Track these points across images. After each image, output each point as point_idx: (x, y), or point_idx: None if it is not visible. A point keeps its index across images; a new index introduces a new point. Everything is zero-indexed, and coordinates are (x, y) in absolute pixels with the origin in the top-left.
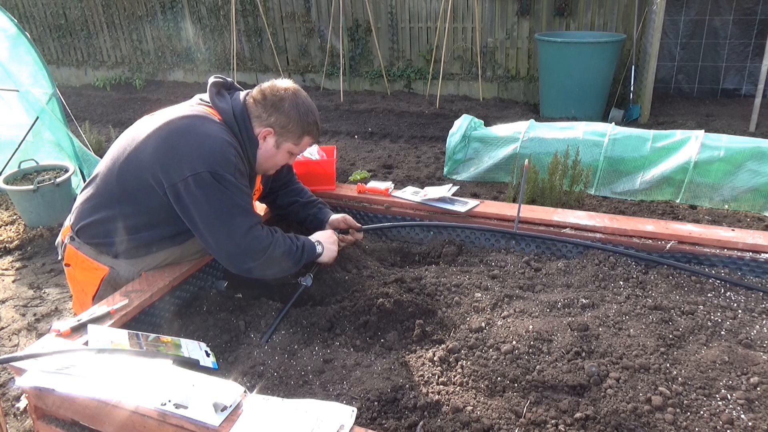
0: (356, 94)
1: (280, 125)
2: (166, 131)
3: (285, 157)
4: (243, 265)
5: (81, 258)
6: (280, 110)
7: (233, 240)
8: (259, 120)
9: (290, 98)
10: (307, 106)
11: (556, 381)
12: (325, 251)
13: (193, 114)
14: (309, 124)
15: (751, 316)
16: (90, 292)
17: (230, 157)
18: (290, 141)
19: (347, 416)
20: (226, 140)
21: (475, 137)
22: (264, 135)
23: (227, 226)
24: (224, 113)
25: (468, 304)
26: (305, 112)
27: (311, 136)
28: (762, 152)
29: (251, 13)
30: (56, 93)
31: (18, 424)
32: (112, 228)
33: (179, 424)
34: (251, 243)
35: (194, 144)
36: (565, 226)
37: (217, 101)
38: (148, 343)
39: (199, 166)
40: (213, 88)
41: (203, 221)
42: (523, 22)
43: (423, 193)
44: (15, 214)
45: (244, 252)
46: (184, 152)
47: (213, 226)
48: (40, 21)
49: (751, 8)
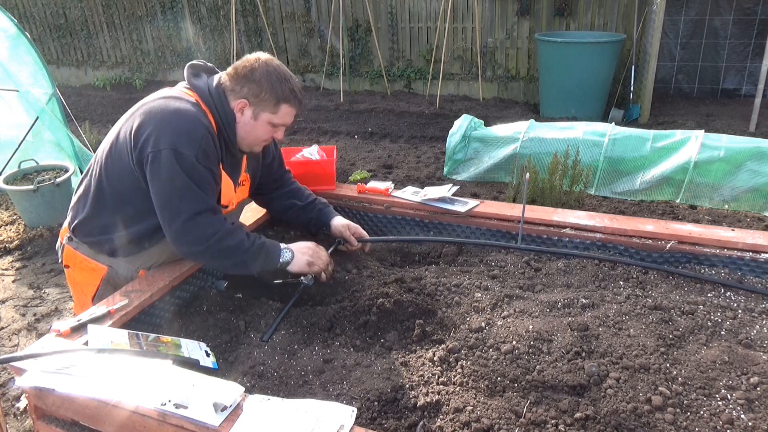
0: (356, 94)
1: (254, 95)
2: (140, 112)
3: (267, 129)
4: (184, 247)
5: (79, 258)
6: (252, 80)
7: (178, 221)
8: (234, 93)
9: (261, 67)
10: (281, 73)
11: (556, 381)
12: (296, 260)
13: (167, 95)
14: (284, 91)
15: (751, 316)
16: (90, 293)
17: (196, 136)
18: (267, 110)
19: (347, 416)
20: (196, 119)
21: (475, 137)
22: (240, 107)
23: (176, 206)
24: (199, 90)
25: (468, 304)
26: (278, 79)
27: (289, 104)
28: (762, 152)
29: (251, 13)
30: (56, 93)
31: (18, 424)
32: (104, 224)
33: (179, 424)
34: (194, 228)
35: (162, 121)
36: (565, 226)
37: (194, 80)
38: (148, 343)
39: (162, 143)
40: (190, 69)
41: (156, 197)
42: (523, 22)
43: (423, 193)
44: (15, 214)
45: (186, 235)
46: (152, 129)
47: (163, 203)
48: (40, 21)
49: (751, 8)
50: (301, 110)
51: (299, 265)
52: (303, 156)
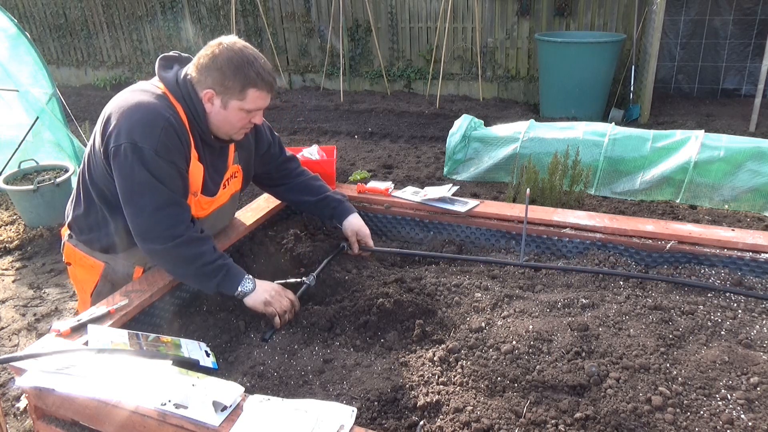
0: (356, 94)
1: (218, 83)
2: (108, 107)
3: (240, 117)
4: (148, 244)
5: (79, 255)
6: (214, 68)
7: (141, 216)
8: (200, 84)
9: (223, 53)
10: (243, 57)
11: (556, 381)
12: (254, 295)
13: (135, 88)
14: (248, 76)
15: (751, 316)
16: (89, 290)
17: (155, 129)
18: (234, 98)
19: (347, 416)
20: (157, 111)
21: (475, 137)
22: (207, 98)
23: (137, 202)
24: (167, 82)
25: (468, 304)
26: (241, 64)
27: (257, 88)
28: (762, 152)
29: (251, 13)
30: (56, 93)
31: (18, 424)
32: (94, 221)
33: (179, 424)
34: (157, 224)
35: (123, 115)
36: (565, 226)
37: (162, 72)
38: (148, 343)
39: (122, 137)
40: (161, 62)
41: (120, 194)
42: (523, 22)
43: (423, 193)
44: (15, 214)
45: (149, 231)
46: (115, 124)
47: (126, 199)
48: (40, 21)
49: (751, 8)
50: (273, 92)
51: (255, 301)
52: (303, 156)
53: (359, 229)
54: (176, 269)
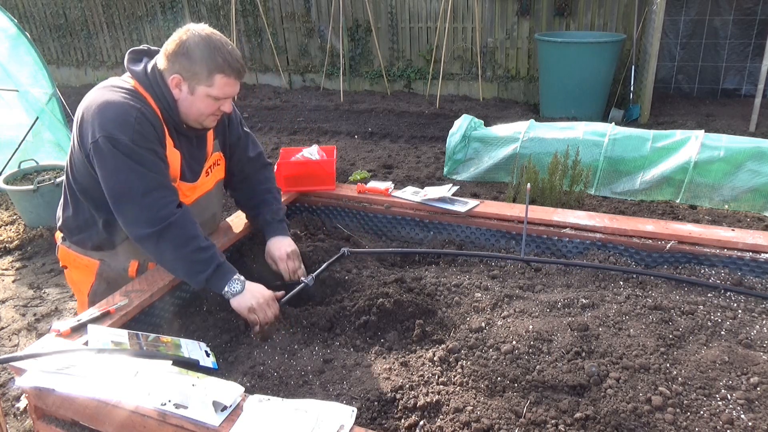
0: (356, 94)
1: (185, 69)
2: (80, 109)
3: (208, 103)
4: (136, 230)
5: (73, 256)
6: (181, 53)
7: (130, 203)
8: (167, 71)
9: (190, 39)
10: (210, 42)
11: (556, 381)
12: (241, 297)
13: (102, 86)
14: (215, 61)
15: (751, 316)
16: (86, 291)
17: (129, 120)
18: (202, 83)
19: (347, 416)
20: (127, 103)
21: (475, 137)
22: (175, 83)
23: (125, 189)
24: (136, 74)
25: (468, 304)
26: (208, 50)
27: (224, 74)
28: (762, 152)
29: (251, 13)
30: (56, 93)
31: (18, 424)
32: (82, 220)
33: (179, 424)
34: (148, 208)
35: (94, 113)
36: (565, 226)
37: (131, 66)
38: (148, 343)
39: (98, 132)
40: (129, 55)
41: (106, 187)
42: (523, 22)
43: (423, 193)
44: (15, 214)
45: (137, 217)
46: (89, 123)
47: (113, 190)
48: (40, 21)
49: (751, 8)
50: (242, 79)
51: (240, 304)
52: (303, 156)
53: (270, 252)
54: (167, 254)
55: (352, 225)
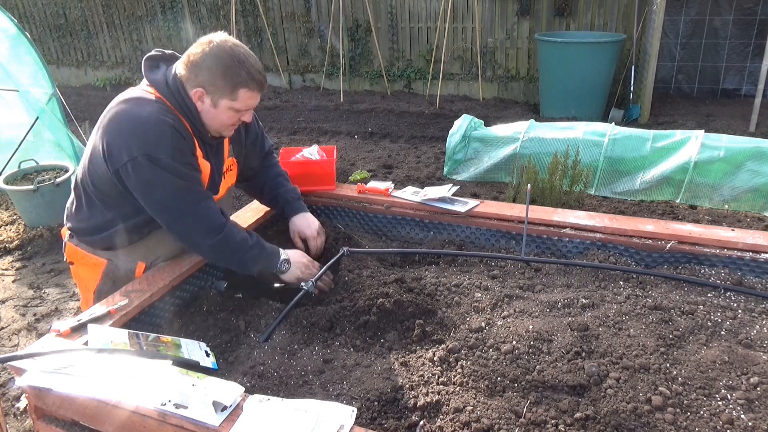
0: (356, 94)
1: (208, 82)
2: (105, 120)
3: (230, 115)
4: (195, 244)
5: (81, 254)
6: (204, 67)
7: (182, 220)
8: (189, 83)
9: (212, 52)
10: (234, 56)
11: (556, 381)
12: (291, 271)
13: (129, 97)
14: (239, 76)
15: (751, 316)
16: (92, 288)
17: (165, 136)
18: (225, 97)
19: (347, 416)
20: (160, 119)
21: (475, 137)
22: (198, 96)
23: (172, 208)
24: (158, 85)
25: (468, 304)
26: (230, 64)
27: (247, 89)
28: (762, 152)
29: (251, 13)
30: (56, 93)
31: (18, 424)
32: (96, 224)
33: (179, 424)
34: (203, 220)
35: (128, 129)
36: (565, 226)
37: (151, 75)
38: (148, 343)
39: (134, 150)
40: (147, 62)
41: (151, 205)
42: (523, 22)
43: (423, 193)
44: (15, 214)
45: (193, 232)
46: (119, 138)
47: (158, 208)
48: (40, 21)
49: (751, 8)
50: (264, 91)
51: (290, 278)
52: (303, 156)
53: (301, 230)
54: (225, 258)
55: (352, 225)
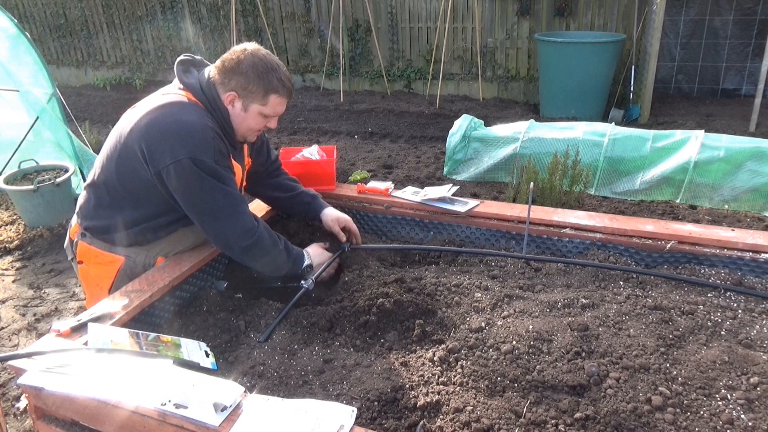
0: (356, 94)
1: (242, 87)
2: (145, 122)
3: (258, 120)
4: (233, 245)
5: (94, 252)
6: (239, 72)
7: (221, 222)
8: (223, 86)
9: (248, 58)
10: (267, 63)
11: (556, 381)
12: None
13: (169, 102)
14: (271, 82)
15: (751, 316)
16: (105, 286)
17: (209, 140)
18: (256, 102)
19: (347, 416)
20: (203, 124)
21: (475, 137)
22: (229, 100)
23: (213, 210)
24: (192, 89)
25: (468, 304)
26: (265, 70)
27: (278, 95)
28: (762, 152)
29: (251, 13)
30: (56, 93)
31: (18, 424)
32: (120, 223)
33: (179, 424)
34: (235, 225)
35: (171, 132)
36: (565, 226)
37: (185, 78)
38: (148, 342)
39: (179, 153)
40: (180, 67)
41: (190, 207)
42: (523, 22)
43: (423, 193)
44: (15, 214)
45: (230, 233)
46: (162, 141)
47: (198, 210)
48: (40, 21)
49: (751, 8)
50: (291, 99)
51: None
52: (303, 156)
53: (338, 218)
54: (257, 261)
55: None
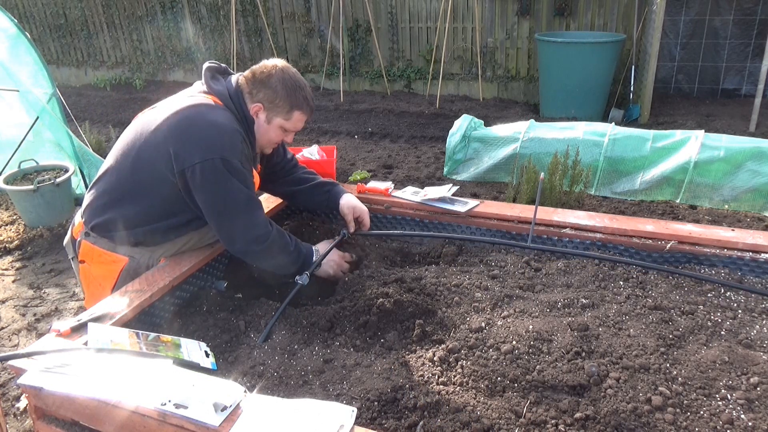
0: (356, 94)
1: (269, 100)
2: (175, 121)
3: (278, 133)
4: (246, 246)
5: (98, 252)
6: (268, 86)
7: (239, 223)
8: (250, 96)
9: (277, 74)
10: (295, 81)
11: (556, 381)
12: (322, 269)
13: (198, 103)
14: (297, 99)
15: (751, 316)
16: (108, 286)
17: (237, 143)
18: (280, 116)
19: (347, 416)
20: (233, 127)
21: (475, 137)
22: (255, 111)
23: (234, 210)
24: (221, 95)
25: (468, 304)
26: (293, 87)
27: (302, 111)
28: (762, 152)
29: (251, 13)
30: (56, 93)
31: (18, 424)
32: (129, 222)
33: (179, 424)
34: (252, 228)
35: (203, 131)
36: (565, 226)
37: (213, 84)
38: (148, 342)
39: (210, 153)
40: (208, 73)
41: (210, 206)
42: (523, 22)
43: (423, 193)
44: (15, 214)
45: (246, 235)
46: (194, 139)
47: (218, 211)
48: (40, 21)
49: (751, 8)
50: (312, 117)
51: (321, 274)
52: (303, 156)
53: (355, 206)
54: (268, 262)
55: None
